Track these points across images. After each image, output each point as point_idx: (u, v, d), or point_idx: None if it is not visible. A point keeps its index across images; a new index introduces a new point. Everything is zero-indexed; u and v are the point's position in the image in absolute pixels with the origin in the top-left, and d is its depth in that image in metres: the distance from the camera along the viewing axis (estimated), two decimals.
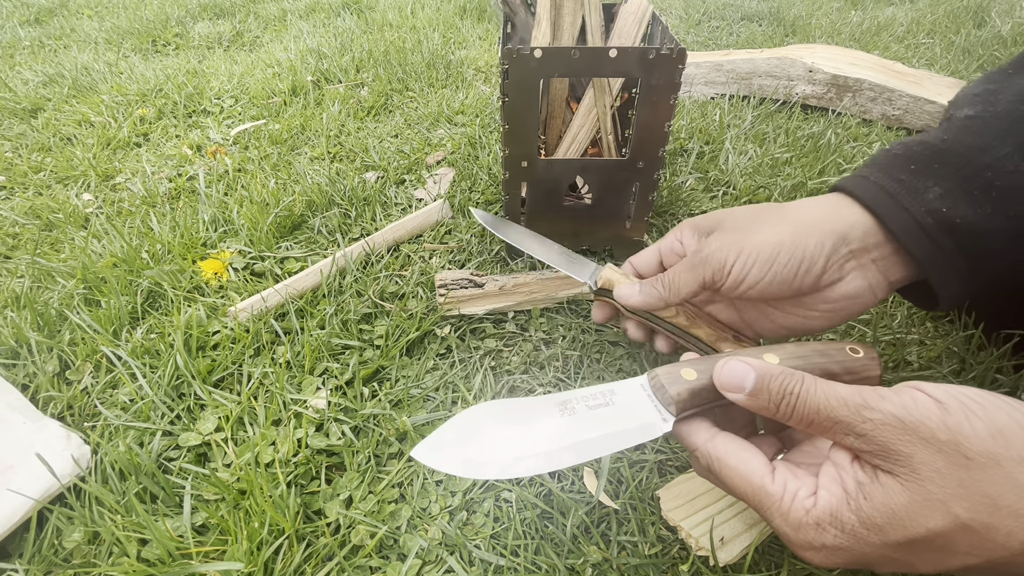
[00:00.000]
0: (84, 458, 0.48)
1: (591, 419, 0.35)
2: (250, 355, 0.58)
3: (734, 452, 0.33)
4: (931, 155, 0.39)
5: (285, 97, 1.19)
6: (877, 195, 0.39)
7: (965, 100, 0.41)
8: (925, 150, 0.39)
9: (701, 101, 1.12)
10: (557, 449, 0.34)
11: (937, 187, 0.37)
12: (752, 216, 0.42)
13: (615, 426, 0.35)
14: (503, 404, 0.37)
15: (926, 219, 0.37)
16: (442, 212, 0.77)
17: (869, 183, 0.40)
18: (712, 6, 1.71)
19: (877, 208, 0.38)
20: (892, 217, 0.38)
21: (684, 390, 0.35)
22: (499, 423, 0.35)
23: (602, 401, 0.37)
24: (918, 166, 0.39)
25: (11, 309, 0.64)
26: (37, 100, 1.20)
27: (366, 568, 0.42)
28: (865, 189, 0.39)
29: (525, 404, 0.36)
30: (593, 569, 0.41)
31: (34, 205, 0.86)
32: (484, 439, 0.34)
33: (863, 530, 0.28)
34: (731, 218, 0.43)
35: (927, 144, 0.39)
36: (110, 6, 1.99)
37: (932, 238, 0.37)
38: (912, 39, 1.42)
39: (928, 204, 0.37)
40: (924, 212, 0.37)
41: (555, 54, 0.53)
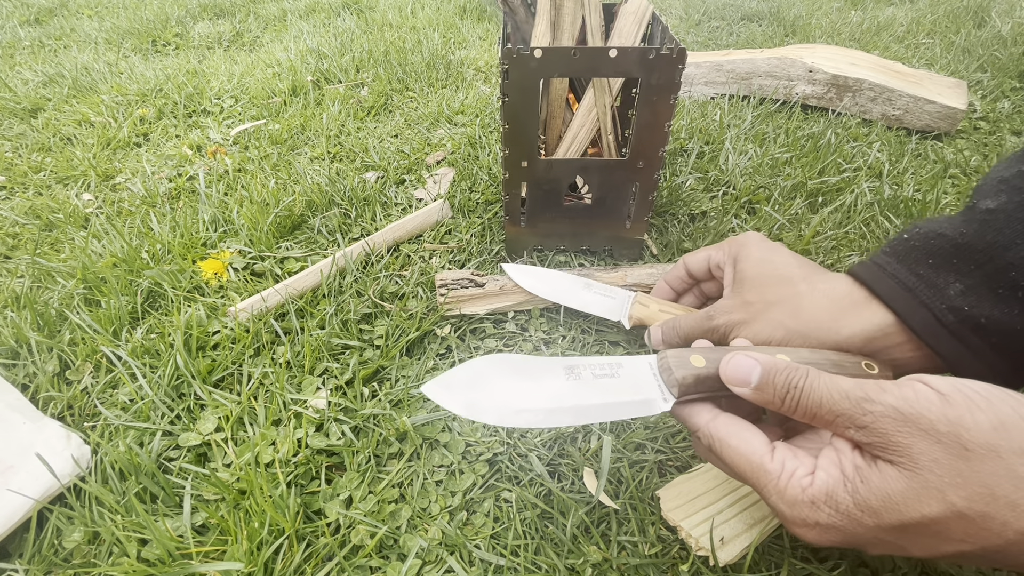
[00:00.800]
0: (84, 458, 0.48)
1: (595, 387, 0.36)
2: (250, 355, 0.58)
3: (735, 432, 0.34)
4: (950, 249, 0.37)
5: (285, 97, 1.19)
6: (894, 289, 0.38)
7: (991, 188, 0.38)
8: (944, 243, 0.37)
9: (701, 101, 1.12)
10: (557, 409, 0.35)
11: (958, 283, 0.36)
12: (767, 289, 0.43)
13: (617, 397, 0.36)
14: (514, 359, 0.38)
15: (947, 316, 0.35)
16: (442, 212, 0.77)
17: (887, 276, 0.39)
18: (712, 6, 1.71)
19: (895, 304, 0.37)
20: (911, 314, 0.37)
21: (689, 375, 0.35)
22: (507, 375, 0.36)
23: (608, 372, 0.37)
24: (936, 260, 0.37)
25: (11, 309, 0.64)
26: (37, 100, 1.20)
27: (366, 568, 0.42)
28: (883, 283, 0.38)
29: (535, 362, 0.38)
30: (593, 569, 0.41)
31: (34, 205, 0.86)
32: (490, 387, 0.35)
33: (857, 511, 0.28)
34: (751, 282, 0.44)
35: (945, 237, 0.37)
36: (110, 6, 1.99)
37: (958, 337, 0.35)
38: (912, 39, 1.42)
39: (949, 301, 0.36)
40: (945, 309, 0.36)
41: (555, 54, 0.53)
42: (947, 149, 0.95)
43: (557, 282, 0.61)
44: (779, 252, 0.46)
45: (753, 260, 0.46)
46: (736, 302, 0.44)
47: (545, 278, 0.61)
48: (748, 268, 0.45)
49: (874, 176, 0.86)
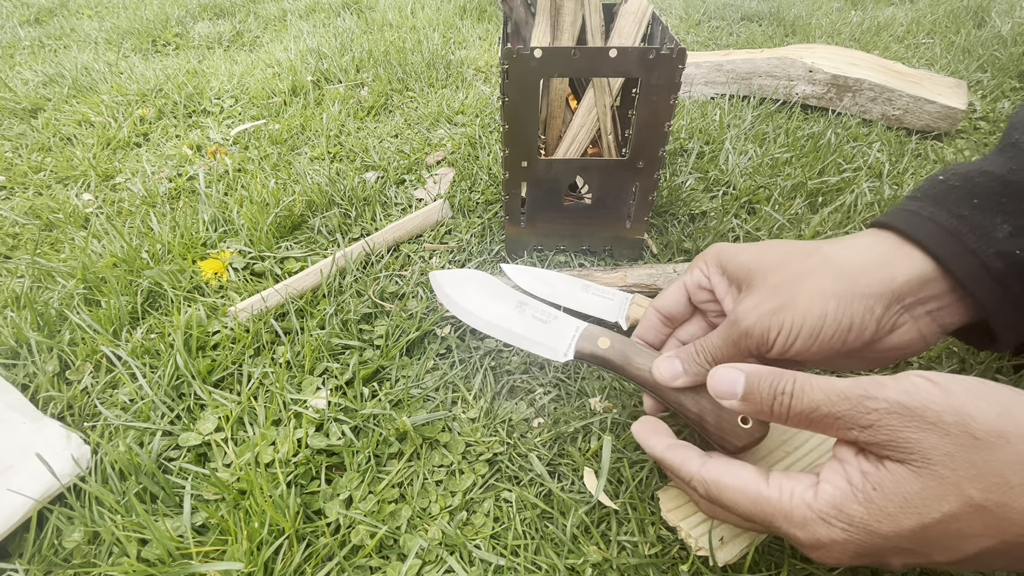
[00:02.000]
0: (84, 458, 0.48)
1: (528, 323, 0.49)
2: (250, 355, 0.58)
3: (727, 471, 0.33)
4: (999, 188, 0.34)
5: (285, 97, 1.19)
6: (936, 235, 0.34)
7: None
8: (991, 182, 0.34)
9: (701, 101, 1.12)
10: (494, 325, 0.49)
11: (1007, 224, 0.33)
12: (788, 267, 0.37)
13: (536, 336, 0.47)
14: (490, 281, 0.53)
15: (995, 263, 0.33)
16: (442, 212, 0.77)
17: (924, 220, 0.35)
18: (712, 6, 1.71)
19: (939, 252, 0.34)
20: (957, 262, 0.33)
21: (587, 348, 0.45)
22: (477, 290, 0.52)
23: (543, 319, 0.49)
24: (982, 200, 0.34)
25: (11, 309, 0.64)
26: (37, 100, 1.20)
27: (366, 568, 0.42)
28: (920, 228, 0.35)
29: (500, 289, 0.52)
30: (593, 569, 0.41)
31: (34, 205, 0.86)
32: (464, 292, 0.52)
33: (874, 521, 0.27)
34: (763, 268, 0.38)
35: (992, 175, 0.34)
36: (110, 6, 1.99)
37: (1002, 284, 0.33)
38: (912, 39, 1.42)
39: (998, 245, 0.33)
40: (993, 255, 0.33)
41: (555, 54, 0.53)
42: (947, 149, 0.95)
43: (555, 283, 0.61)
44: (769, 241, 0.41)
45: (749, 252, 0.40)
46: (760, 294, 0.37)
47: (543, 279, 0.61)
48: (748, 260, 0.39)
49: (874, 176, 0.86)
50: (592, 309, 0.58)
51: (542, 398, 0.54)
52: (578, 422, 0.51)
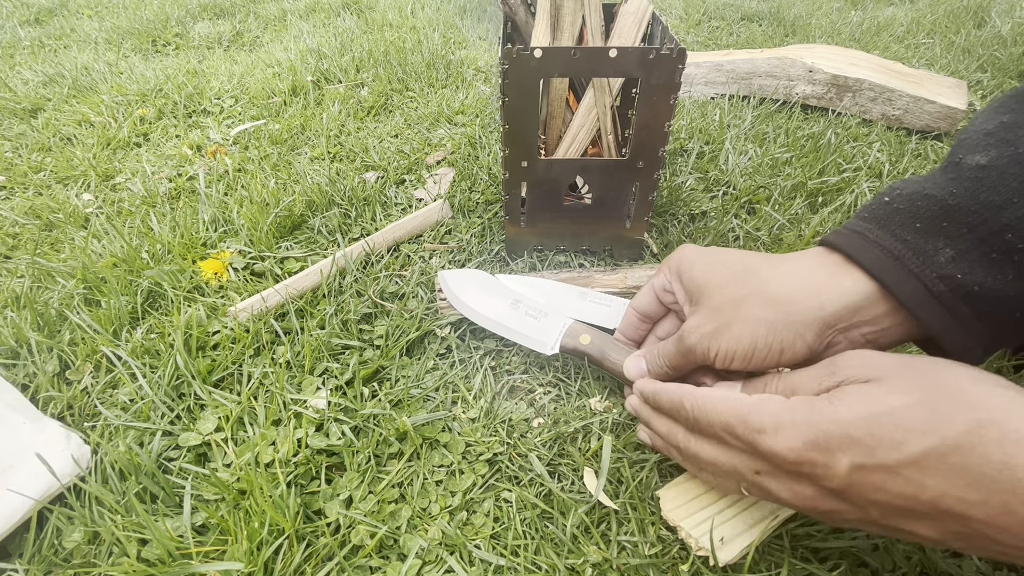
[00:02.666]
0: (84, 458, 0.48)
1: (520, 318, 0.55)
2: (250, 355, 0.58)
3: (714, 391, 0.36)
4: (939, 212, 0.34)
5: (285, 97, 1.19)
6: (880, 259, 0.35)
7: (977, 141, 0.35)
8: (932, 205, 0.34)
9: (701, 101, 1.12)
10: (489, 319, 0.56)
11: (949, 248, 0.33)
12: (728, 289, 0.39)
13: (527, 331, 0.54)
14: (488, 280, 0.59)
15: (938, 286, 0.33)
16: (442, 212, 0.77)
17: (870, 243, 0.36)
18: (712, 6, 1.71)
19: (882, 276, 0.34)
20: (900, 286, 0.34)
21: (571, 344, 0.52)
22: (477, 287, 0.58)
23: (535, 315, 0.55)
24: (924, 224, 0.34)
25: (11, 309, 0.64)
26: (37, 100, 1.20)
27: (366, 568, 0.42)
28: (865, 251, 0.35)
29: (498, 287, 0.58)
30: (593, 569, 0.41)
31: (34, 205, 0.86)
32: (465, 288, 0.58)
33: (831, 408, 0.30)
34: (709, 287, 0.40)
35: (933, 198, 0.35)
36: (110, 6, 1.99)
37: (947, 307, 0.33)
38: (912, 39, 1.42)
39: (940, 269, 0.33)
40: (936, 279, 0.33)
41: (555, 54, 0.53)
42: (947, 149, 0.95)
43: (552, 292, 0.60)
44: (723, 251, 0.42)
45: (701, 266, 0.42)
46: (702, 315, 0.39)
47: (540, 288, 0.60)
48: (699, 275, 0.41)
49: (874, 176, 0.86)
50: (591, 317, 0.57)
51: (542, 398, 0.54)
52: (578, 422, 0.51)
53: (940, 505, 0.27)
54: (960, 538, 0.28)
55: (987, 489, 0.26)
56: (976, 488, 0.26)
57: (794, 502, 0.32)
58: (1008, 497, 0.25)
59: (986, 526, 0.26)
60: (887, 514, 0.29)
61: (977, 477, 0.26)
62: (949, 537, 0.29)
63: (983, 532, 0.27)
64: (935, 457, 0.27)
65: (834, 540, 0.41)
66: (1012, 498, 0.25)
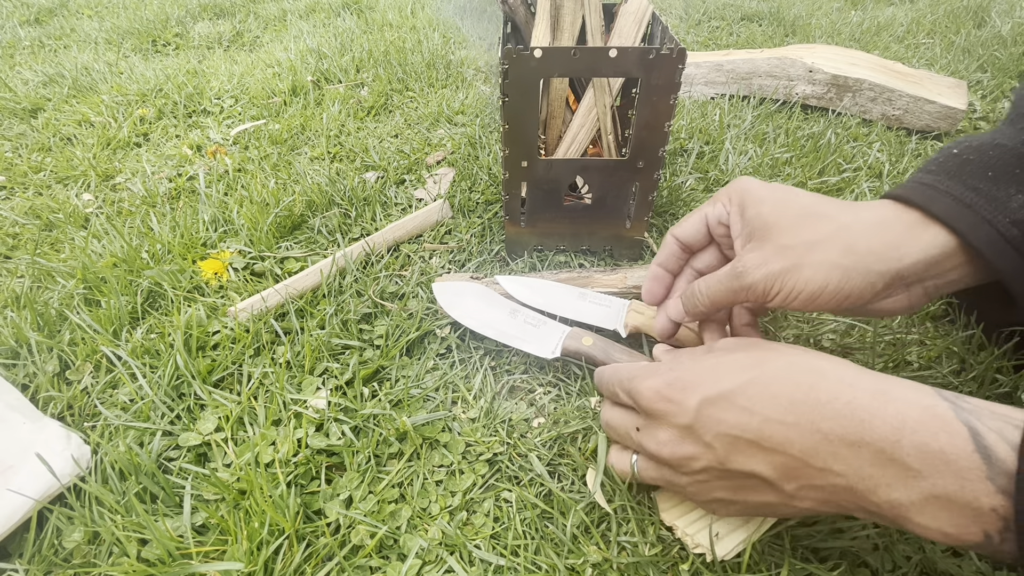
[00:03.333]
0: (84, 458, 0.48)
1: (520, 327, 0.56)
2: (250, 355, 0.58)
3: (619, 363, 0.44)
4: (1011, 160, 0.36)
5: (285, 97, 1.19)
6: (954, 208, 0.35)
7: None
8: (1004, 154, 0.36)
9: (701, 101, 1.12)
10: (490, 327, 0.57)
11: (1021, 195, 0.35)
12: (801, 230, 0.38)
13: (527, 336, 0.55)
14: (486, 291, 0.60)
15: (1011, 231, 0.34)
16: (442, 212, 0.77)
17: (941, 194, 0.36)
18: (712, 6, 1.71)
19: (957, 224, 0.35)
20: (975, 232, 0.35)
21: (573, 346, 0.53)
22: (476, 298, 0.59)
23: (533, 324, 0.56)
24: (996, 172, 0.36)
25: (11, 309, 0.64)
26: (37, 100, 1.20)
27: (366, 568, 0.42)
28: (938, 201, 0.36)
29: (496, 298, 0.59)
30: (593, 569, 0.41)
31: (34, 205, 0.86)
32: (464, 300, 0.59)
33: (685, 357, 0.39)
34: (779, 225, 0.39)
35: (1004, 148, 0.36)
36: (110, 6, 1.99)
37: (1019, 250, 0.35)
38: (912, 39, 1.42)
39: (1013, 214, 0.35)
40: (1009, 224, 0.35)
41: (555, 54, 0.53)
42: None
43: (552, 293, 0.60)
44: (792, 190, 0.41)
45: (771, 202, 0.40)
46: (769, 251, 0.38)
47: (540, 290, 0.60)
48: (768, 212, 0.39)
49: (874, 176, 0.86)
50: (590, 318, 0.57)
51: (542, 398, 0.54)
52: (578, 422, 0.51)
53: (766, 431, 0.32)
54: (788, 475, 0.32)
55: (797, 411, 0.31)
56: (790, 411, 0.31)
57: (659, 453, 0.36)
58: (814, 416, 0.30)
59: (802, 453, 0.30)
60: (729, 450, 0.33)
61: (790, 402, 0.31)
62: (780, 475, 0.32)
63: (803, 462, 0.31)
64: (759, 386, 0.33)
65: (834, 540, 0.41)
66: (816, 416, 0.30)
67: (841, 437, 0.29)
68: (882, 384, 0.30)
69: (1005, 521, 0.25)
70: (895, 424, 0.28)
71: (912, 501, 0.27)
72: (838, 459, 0.29)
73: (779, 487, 0.32)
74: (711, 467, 0.34)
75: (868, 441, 0.28)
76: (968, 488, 0.26)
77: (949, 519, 0.27)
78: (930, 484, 0.27)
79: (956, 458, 0.26)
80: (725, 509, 0.37)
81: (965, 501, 0.26)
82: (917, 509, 0.27)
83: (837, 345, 0.57)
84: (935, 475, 0.27)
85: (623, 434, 0.41)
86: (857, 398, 0.30)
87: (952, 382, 0.53)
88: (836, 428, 0.29)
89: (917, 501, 0.27)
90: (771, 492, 0.33)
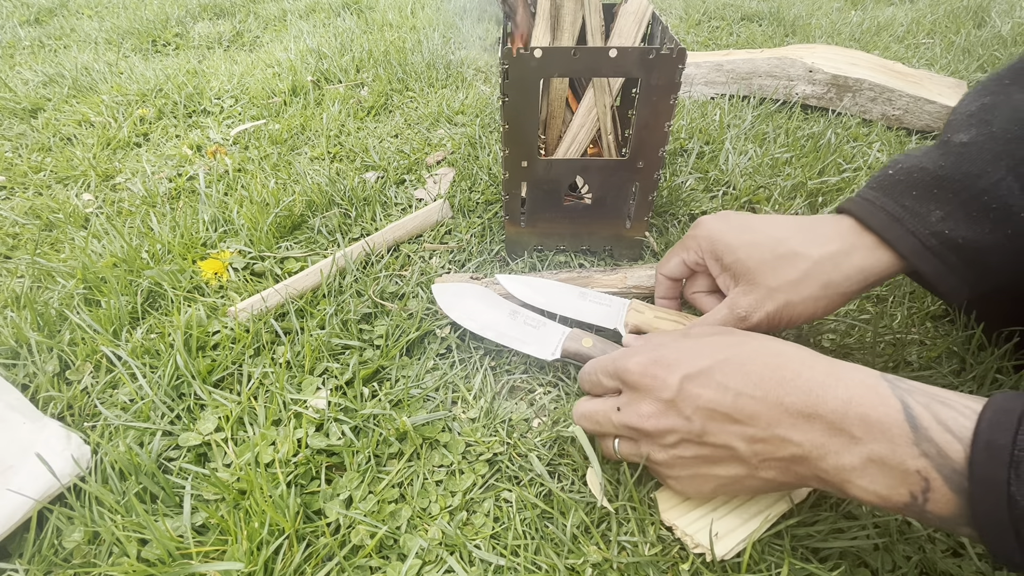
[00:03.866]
0: (84, 458, 0.48)
1: (520, 327, 0.56)
2: (250, 355, 0.58)
3: None
4: (930, 181, 0.42)
5: (285, 97, 1.19)
6: (885, 221, 0.43)
7: (961, 122, 0.44)
8: (924, 176, 0.43)
9: (701, 101, 1.12)
10: (491, 328, 0.57)
11: (938, 211, 0.42)
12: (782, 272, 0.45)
13: (527, 338, 0.55)
14: (487, 293, 0.60)
15: (931, 240, 0.42)
16: (442, 212, 0.77)
17: (876, 208, 0.44)
18: (712, 6, 1.71)
19: (886, 233, 0.43)
20: (901, 241, 0.42)
21: (573, 347, 0.53)
22: (476, 299, 0.59)
23: (534, 324, 0.56)
24: (919, 192, 0.43)
25: (11, 309, 0.64)
26: (37, 100, 1.20)
27: (366, 568, 0.42)
28: (873, 215, 0.43)
29: (496, 300, 0.59)
30: (593, 569, 0.41)
31: (34, 205, 0.86)
32: (464, 301, 0.59)
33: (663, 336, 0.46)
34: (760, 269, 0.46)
35: (926, 170, 0.43)
36: (110, 6, 1.99)
37: (939, 257, 0.42)
38: (912, 39, 1.42)
39: (932, 227, 0.42)
40: (928, 235, 0.42)
41: (555, 54, 0.53)
42: None
43: (552, 292, 0.60)
44: (754, 226, 0.48)
45: (744, 248, 0.47)
46: (761, 294, 0.46)
47: (540, 289, 0.60)
48: (745, 257, 0.47)
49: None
50: (590, 317, 0.57)
51: (542, 398, 0.54)
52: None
53: (738, 404, 0.36)
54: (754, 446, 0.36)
55: (764, 386, 0.35)
56: (759, 386, 0.36)
57: (642, 425, 0.39)
58: (779, 391, 0.35)
59: (767, 425, 0.35)
60: (706, 422, 0.37)
61: (759, 378, 0.36)
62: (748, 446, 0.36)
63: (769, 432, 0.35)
64: (735, 364, 0.37)
65: (834, 540, 0.41)
66: (780, 391, 0.35)
67: (800, 410, 0.34)
68: (835, 367, 0.35)
69: (927, 482, 0.30)
70: (844, 399, 0.33)
71: (854, 465, 0.32)
72: (796, 429, 0.34)
73: (746, 459, 0.37)
74: (689, 440, 0.38)
75: (821, 414, 0.33)
76: (898, 452, 0.31)
77: (883, 481, 0.31)
78: (868, 449, 0.32)
79: (890, 426, 0.31)
80: (696, 485, 0.40)
81: (895, 463, 0.31)
82: (859, 472, 0.32)
83: (837, 345, 0.57)
84: (873, 441, 0.31)
85: (602, 420, 0.43)
86: (815, 377, 0.35)
87: (952, 382, 0.53)
88: (796, 402, 0.34)
89: (859, 465, 0.32)
90: (739, 464, 0.37)
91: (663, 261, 0.55)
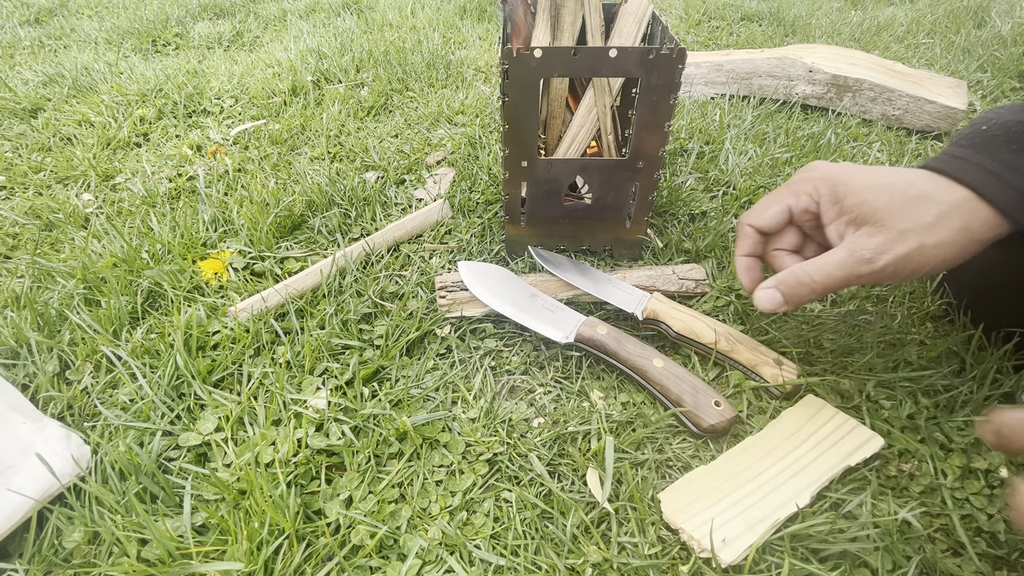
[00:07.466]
0: (84, 458, 0.48)
1: (538, 310, 0.59)
2: (250, 355, 0.58)
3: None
4: None
5: (285, 97, 1.19)
6: (982, 176, 0.41)
7: None
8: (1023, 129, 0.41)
9: (701, 101, 1.12)
10: (510, 305, 0.59)
11: None
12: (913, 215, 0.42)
13: (545, 320, 0.58)
14: (508, 274, 0.63)
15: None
16: (442, 212, 0.77)
17: (971, 165, 0.42)
18: (712, 6, 1.71)
19: (983, 189, 0.41)
20: (1001, 196, 0.40)
21: (587, 332, 0.55)
22: (498, 278, 0.62)
23: (551, 309, 0.59)
24: (1018, 145, 0.41)
25: (11, 309, 0.64)
26: (37, 100, 1.20)
27: (366, 568, 0.42)
28: (965, 171, 0.42)
29: (517, 281, 0.62)
30: (593, 569, 0.41)
31: (34, 205, 0.86)
32: (486, 279, 0.62)
33: None
34: (888, 211, 0.42)
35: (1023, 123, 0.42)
36: (110, 6, 1.99)
37: None
38: (912, 39, 1.42)
39: None
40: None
41: (555, 54, 0.53)
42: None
43: (584, 269, 0.64)
44: (874, 171, 0.45)
45: (870, 189, 0.44)
46: (891, 235, 0.42)
47: (574, 265, 0.65)
48: (872, 199, 0.43)
49: None
50: (613, 299, 0.60)
51: (542, 398, 0.54)
52: (578, 422, 0.51)
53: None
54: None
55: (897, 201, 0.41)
56: None
57: None
58: None
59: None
60: None
61: None
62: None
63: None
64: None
65: (834, 540, 0.41)
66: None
67: None
68: None
69: None
70: None
71: None
72: None
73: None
74: None
75: None
76: None
77: None
78: None
79: None
80: None
81: None
82: None
83: (837, 345, 0.57)
84: None
85: None
86: None
87: (952, 382, 0.53)
88: None
89: None
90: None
91: (755, 211, 0.49)
